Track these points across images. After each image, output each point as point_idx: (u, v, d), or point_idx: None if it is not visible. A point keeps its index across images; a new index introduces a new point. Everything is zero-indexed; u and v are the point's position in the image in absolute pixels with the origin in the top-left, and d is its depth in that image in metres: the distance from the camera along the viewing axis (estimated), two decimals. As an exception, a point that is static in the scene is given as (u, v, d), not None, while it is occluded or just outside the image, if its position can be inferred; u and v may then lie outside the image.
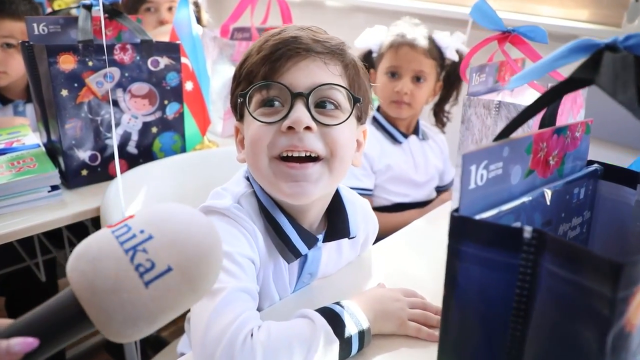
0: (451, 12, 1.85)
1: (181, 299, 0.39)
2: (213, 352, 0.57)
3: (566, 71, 0.49)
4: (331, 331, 0.62)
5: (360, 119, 0.75)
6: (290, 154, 0.66)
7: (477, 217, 0.42)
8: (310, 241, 0.74)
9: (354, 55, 0.73)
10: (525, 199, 0.47)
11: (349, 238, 0.79)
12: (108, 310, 0.36)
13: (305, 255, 0.76)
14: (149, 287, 0.37)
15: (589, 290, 0.34)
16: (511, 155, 0.46)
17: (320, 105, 0.68)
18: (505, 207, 0.45)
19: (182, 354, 0.93)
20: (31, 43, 1.00)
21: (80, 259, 0.38)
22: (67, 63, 0.97)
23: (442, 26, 1.36)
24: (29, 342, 0.36)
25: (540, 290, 0.38)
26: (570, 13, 1.70)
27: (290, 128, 0.65)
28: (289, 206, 0.72)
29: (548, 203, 0.50)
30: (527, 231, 0.38)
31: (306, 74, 0.67)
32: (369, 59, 1.41)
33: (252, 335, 0.59)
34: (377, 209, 1.30)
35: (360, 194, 0.90)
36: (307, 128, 0.65)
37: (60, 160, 1.04)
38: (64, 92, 0.98)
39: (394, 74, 1.35)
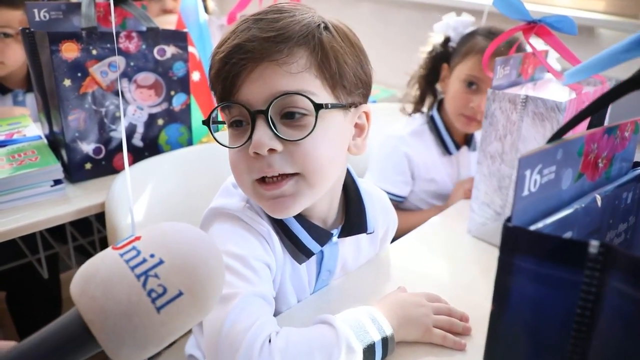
0: (464, 2, 1.80)
1: (189, 321, 0.39)
2: None
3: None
4: (353, 338, 0.59)
5: (346, 106, 0.65)
6: (265, 176, 0.62)
7: (533, 227, 0.38)
8: (323, 238, 0.70)
9: (322, 33, 0.62)
10: (577, 205, 0.43)
11: (367, 234, 0.75)
12: (120, 335, 0.36)
13: (322, 252, 0.72)
14: (160, 312, 0.37)
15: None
16: (564, 157, 0.42)
17: (288, 115, 0.61)
18: (559, 215, 0.41)
19: (191, 355, 0.90)
20: (32, 30, 0.95)
21: (89, 282, 0.37)
22: (70, 51, 0.93)
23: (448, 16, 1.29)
24: None
25: (605, 310, 0.35)
26: (587, 4, 1.65)
27: (256, 152, 0.60)
28: None
29: (599, 209, 0.46)
30: (593, 246, 0.34)
31: (260, 85, 0.59)
32: (445, 48, 1.26)
33: (270, 341, 0.56)
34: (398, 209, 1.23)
35: (390, 199, 0.84)
36: (272, 150, 0.60)
37: (63, 153, 1.00)
38: (67, 82, 0.94)
39: (472, 84, 1.16)
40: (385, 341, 0.61)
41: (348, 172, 0.74)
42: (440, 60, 1.25)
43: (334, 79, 0.62)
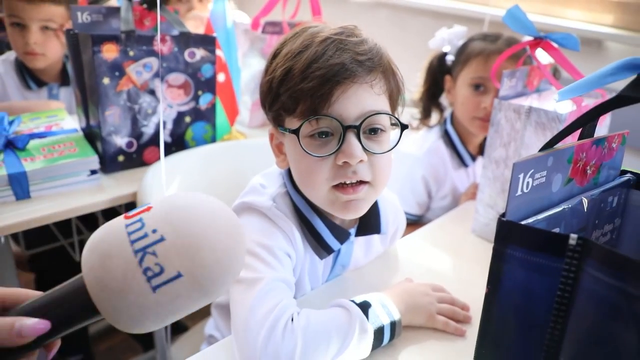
0: (470, 10, 1.87)
1: (191, 304, 0.37)
2: (256, 337, 0.61)
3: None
4: (366, 320, 0.66)
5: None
6: (343, 182, 0.69)
7: (524, 222, 0.45)
8: (342, 237, 0.77)
9: (387, 55, 0.71)
10: (565, 206, 0.50)
11: (380, 234, 0.82)
12: (115, 308, 0.35)
13: (339, 249, 0.79)
14: (156, 291, 0.35)
15: (632, 296, 0.37)
16: (554, 164, 0.49)
17: (370, 131, 0.69)
18: (548, 213, 0.48)
19: (211, 336, 0.97)
20: (76, 31, 1.03)
21: (93, 251, 0.37)
22: (110, 52, 1.00)
23: (460, 24, 1.35)
24: (40, 328, 0.36)
25: (581, 293, 0.41)
26: (596, 17, 1.70)
27: (345, 162, 0.67)
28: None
29: (585, 210, 0.52)
30: (573, 238, 0.41)
31: (355, 103, 0.66)
32: (442, 63, 1.30)
33: (292, 320, 0.63)
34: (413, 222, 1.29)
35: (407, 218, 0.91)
36: (361, 160, 0.67)
37: (99, 145, 1.08)
38: (106, 80, 1.02)
39: (479, 86, 1.19)
40: (393, 325, 0.68)
41: None
42: (439, 74, 1.29)
43: (396, 102, 0.74)
